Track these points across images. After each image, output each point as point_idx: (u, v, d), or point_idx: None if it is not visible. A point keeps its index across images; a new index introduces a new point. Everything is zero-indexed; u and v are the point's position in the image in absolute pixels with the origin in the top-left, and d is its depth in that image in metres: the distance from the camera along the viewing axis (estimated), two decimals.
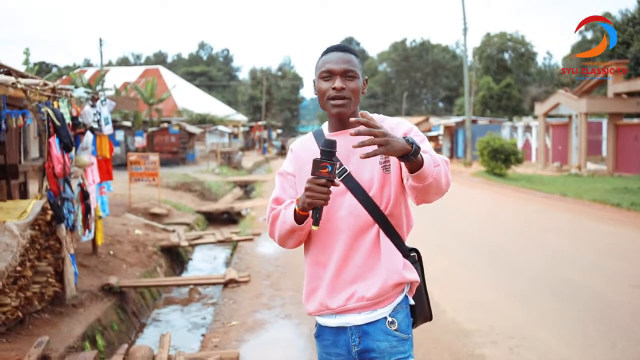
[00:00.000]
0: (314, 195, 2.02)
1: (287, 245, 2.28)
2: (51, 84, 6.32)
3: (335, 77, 2.20)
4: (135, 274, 8.15)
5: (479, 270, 7.78)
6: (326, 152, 2.04)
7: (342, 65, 2.20)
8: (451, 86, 72.53)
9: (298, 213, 2.14)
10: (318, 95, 2.26)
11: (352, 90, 2.20)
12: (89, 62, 77.43)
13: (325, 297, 2.23)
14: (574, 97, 25.08)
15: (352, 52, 2.26)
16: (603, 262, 8.32)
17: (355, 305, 2.19)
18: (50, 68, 43.69)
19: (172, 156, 28.59)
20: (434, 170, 2.04)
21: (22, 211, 5.61)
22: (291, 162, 2.36)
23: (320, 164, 2.02)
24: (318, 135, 2.35)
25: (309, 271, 2.31)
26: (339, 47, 2.26)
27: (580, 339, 5.33)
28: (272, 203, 2.32)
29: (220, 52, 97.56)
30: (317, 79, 2.27)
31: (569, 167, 26.32)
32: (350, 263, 2.20)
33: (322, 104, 2.26)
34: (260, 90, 66.16)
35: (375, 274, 2.18)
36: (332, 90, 2.19)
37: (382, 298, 2.19)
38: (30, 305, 5.61)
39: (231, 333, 5.84)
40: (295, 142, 2.44)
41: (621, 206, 14.06)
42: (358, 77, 2.23)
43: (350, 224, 2.19)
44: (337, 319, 2.24)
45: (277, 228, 2.25)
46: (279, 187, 2.35)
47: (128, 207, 12.87)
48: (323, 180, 2.02)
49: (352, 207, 2.19)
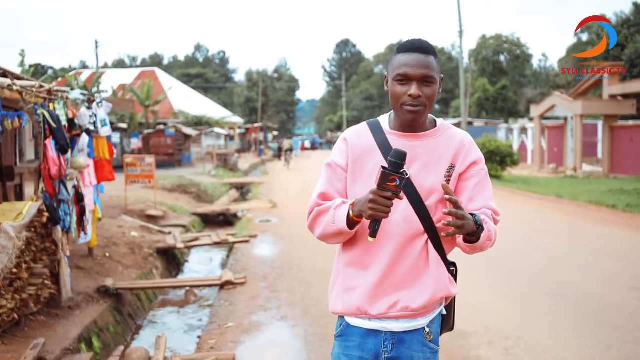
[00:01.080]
0: (377, 207, 1.90)
1: (330, 242, 2.16)
2: (47, 86, 6.31)
3: (411, 83, 2.04)
4: (131, 276, 8.13)
5: (474, 272, 7.79)
6: (395, 164, 1.88)
7: (420, 71, 2.03)
8: (447, 88, 72.58)
9: (352, 218, 2.02)
10: (390, 96, 2.11)
11: (428, 96, 2.05)
12: (85, 64, 77.36)
13: (364, 301, 2.10)
14: (570, 99, 25.17)
15: (432, 53, 2.08)
16: (599, 264, 8.35)
17: (398, 314, 2.10)
18: (46, 70, 43.66)
19: (168, 158, 28.56)
20: (485, 244, 2.03)
21: (18, 213, 5.60)
22: (343, 153, 2.17)
23: (389, 177, 1.87)
24: (375, 128, 2.18)
25: (345, 270, 2.17)
26: (419, 48, 2.06)
27: (576, 340, 5.34)
28: (317, 198, 2.16)
29: (216, 54, 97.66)
30: (390, 79, 2.11)
31: (565, 169, 26.40)
32: (396, 270, 2.09)
33: (394, 106, 2.10)
34: (256, 92, 66.18)
35: (421, 285, 2.09)
36: (407, 96, 2.04)
37: (426, 310, 2.11)
38: (26, 307, 5.59)
39: (227, 335, 5.84)
40: (349, 131, 2.24)
41: (617, 208, 14.10)
42: (435, 82, 2.07)
43: (402, 230, 2.08)
44: (372, 322, 2.13)
45: (322, 225, 2.11)
46: (327, 180, 2.18)
47: (124, 209, 12.85)
48: (389, 193, 1.89)
49: (406, 214, 2.08)
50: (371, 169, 2.08)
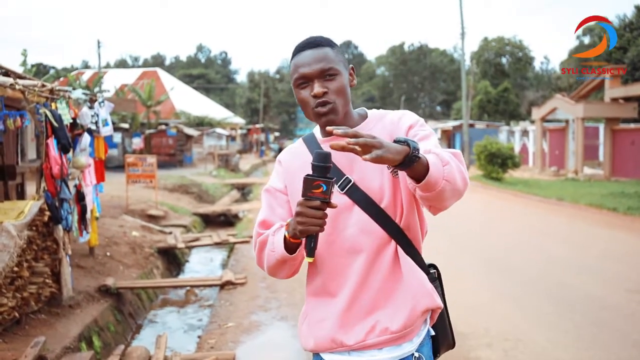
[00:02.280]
0: (307, 220, 1.64)
1: (279, 276, 1.89)
2: (49, 85, 6.34)
3: (312, 82, 1.81)
4: (132, 276, 8.15)
5: (474, 273, 7.81)
6: (319, 167, 1.62)
7: (316, 66, 1.80)
8: (449, 90, 72.74)
9: (289, 240, 1.75)
10: (300, 106, 1.87)
11: (335, 91, 1.81)
12: (87, 64, 77.45)
13: (337, 331, 1.84)
14: (571, 101, 25.17)
15: (325, 44, 1.85)
16: (599, 266, 8.35)
17: (378, 340, 1.81)
18: (48, 70, 43.66)
19: (170, 158, 28.59)
20: (443, 171, 1.64)
21: (20, 212, 5.62)
22: (280, 175, 1.97)
23: (312, 183, 1.62)
24: (310, 141, 1.95)
25: (311, 301, 1.93)
26: (309, 43, 1.84)
27: (574, 342, 5.35)
28: (258, 227, 1.93)
29: (218, 54, 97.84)
30: (294, 88, 1.86)
31: (566, 172, 26.39)
32: (367, 289, 1.82)
33: (307, 113, 1.86)
34: (258, 93, 66.26)
35: (397, 300, 1.82)
36: (312, 98, 1.80)
37: (409, 329, 1.82)
38: (27, 306, 5.61)
39: (227, 334, 5.86)
40: (285, 151, 2.02)
41: (618, 210, 14.10)
42: (340, 73, 1.82)
43: (364, 244, 1.82)
44: (352, 356, 1.84)
45: (266, 257, 1.85)
46: (266, 207, 1.96)
47: (125, 209, 12.88)
48: (317, 202, 1.63)
49: (362, 223, 1.81)
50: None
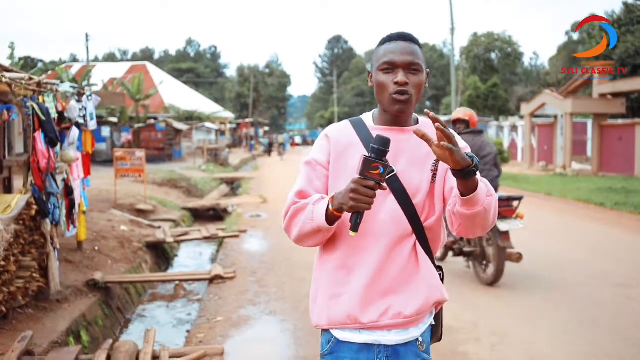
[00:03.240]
0: (359, 198, 1.77)
1: (306, 244, 2.01)
2: (36, 79, 6.28)
3: (397, 70, 1.95)
4: (121, 270, 8.12)
5: (462, 269, 7.84)
6: (379, 150, 1.77)
7: (406, 57, 1.95)
8: (438, 85, 72.82)
9: (332, 213, 1.87)
10: (376, 88, 2.01)
11: (415, 85, 1.96)
12: (75, 57, 77.02)
13: (355, 308, 1.95)
14: (560, 97, 25.28)
15: (417, 43, 2.02)
16: (586, 260, 8.41)
17: (390, 322, 1.95)
18: (36, 63, 43.34)
19: (159, 153, 28.48)
20: (485, 199, 1.81)
21: (7, 206, 5.58)
22: (325, 150, 2.06)
23: (371, 164, 1.76)
24: (358, 125, 2.07)
25: (329, 275, 2.02)
26: (403, 36, 2.01)
27: (561, 336, 5.39)
28: (294, 196, 2.03)
29: (207, 48, 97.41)
30: (375, 71, 2.02)
31: (554, 167, 26.54)
32: (385, 273, 1.95)
33: (381, 97, 2.00)
34: (247, 87, 66.10)
35: (413, 289, 1.96)
36: (393, 84, 1.94)
37: (419, 317, 1.98)
38: (14, 300, 5.58)
39: (216, 329, 5.85)
40: (331, 127, 2.14)
41: (605, 205, 14.20)
42: (422, 71, 1.98)
43: (390, 230, 1.95)
44: (362, 334, 1.97)
45: (299, 224, 1.96)
46: (305, 178, 2.05)
47: (114, 203, 12.82)
48: (372, 182, 1.77)
49: (393, 212, 1.95)
50: (354, 165, 1.91)
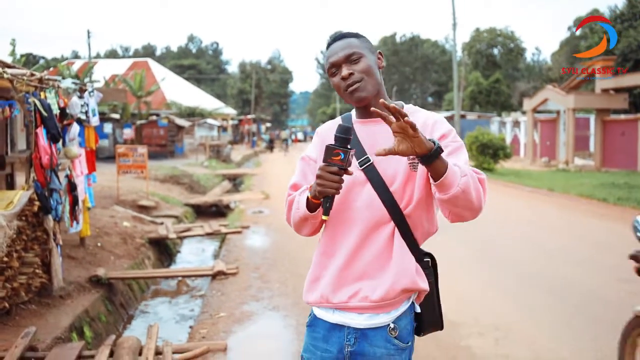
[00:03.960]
0: (324, 183, 1.91)
1: (302, 232, 2.19)
2: (38, 75, 6.27)
3: (340, 68, 2.08)
4: (123, 266, 8.13)
5: (465, 263, 7.83)
6: (340, 138, 1.91)
7: (342, 53, 2.07)
8: (440, 81, 72.73)
9: (311, 201, 2.03)
10: (338, 94, 2.15)
11: (361, 70, 2.06)
12: (77, 54, 76.94)
13: (327, 289, 2.09)
14: (562, 92, 25.24)
15: (350, 36, 2.13)
16: (589, 256, 8.40)
17: (357, 304, 2.04)
18: (38, 60, 43.25)
19: (161, 149, 28.47)
20: (460, 179, 1.84)
21: (9, 202, 5.58)
22: (315, 146, 2.24)
23: (332, 151, 1.91)
24: (346, 120, 2.20)
25: (315, 259, 2.19)
26: (336, 37, 2.14)
27: (564, 331, 5.39)
28: (289, 189, 2.22)
29: (209, 45, 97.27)
30: (330, 79, 2.16)
31: (557, 163, 26.50)
32: (359, 258, 2.06)
33: (342, 97, 2.15)
34: (249, 83, 66.05)
35: (383, 275, 2.03)
36: (342, 82, 2.07)
37: (387, 302, 2.03)
38: (17, 296, 5.59)
39: (219, 324, 5.85)
40: (322, 125, 2.31)
41: (608, 201, 14.17)
42: (364, 56, 2.08)
43: (365, 217, 2.05)
44: (335, 315, 2.10)
45: (292, 215, 2.16)
46: (299, 172, 2.24)
47: (116, 199, 12.82)
48: (335, 168, 1.90)
49: (369, 200, 2.04)
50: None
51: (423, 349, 4.97)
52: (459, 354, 4.87)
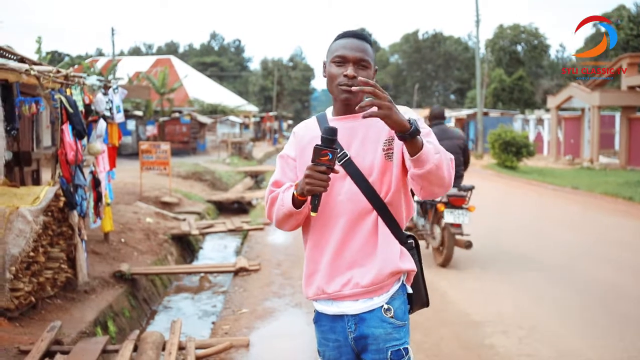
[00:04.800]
0: (314, 182, 2.03)
1: (284, 227, 2.28)
2: (64, 72, 6.35)
3: (347, 64, 2.17)
4: (147, 262, 8.20)
5: (489, 262, 7.76)
6: (327, 139, 2.02)
7: (356, 53, 2.17)
8: (463, 78, 72.20)
9: (296, 198, 2.14)
10: (327, 78, 2.24)
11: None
12: (101, 51, 77.56)
13: (322, 281, 2.23)
14: (587, 90, 24.89)
15: (367, 41, 2.23)
16: (614, 255, 8.28)
17: (351, 292, 2.19)
18: (63, 57, 43.76)
19: (183, 146, 28.66)
20: (434, 156, 2.01)
21: (35, 197, 5.65)
22: (292, 145, 2.35)
23: (320, 152, 2.01)
24: (321, 119, 2.33)
25: (307, 254, 2.31)
26: (355, 34, 2.23)
27: (590, 330, 5.32)
28: (271, 185, 2.32)
29: (231, 42, 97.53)
30: (328, 62, 2.24)
31: (581, 161, 26.16)
32: (347, 248, 2.20)
33: (330, 87, 2.23)
34: (271, 80, 66.17)
35: (371, 261, 2.18)
36: (343, 77, 2.16)
37: (377, 286, 2.18)
38: (43, 291, 5.66)
39: (241, 320, 5.87)
40: (299, 125, 2.42)
41: (634, 200, 13.97)
42: (370, 67, 2.20)
43: (349, 209, 2.18)
44: (333, 306, 2.24)
45: (275, 211, 2.25)
46: (279, 170, 2.35)
47: (139, 196, 12.93)
48: (323, 167, 2.02)
49: (351, 193, 2.18)
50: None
51: (446, 347, 4.94)
52: (483, 352, 4.83)
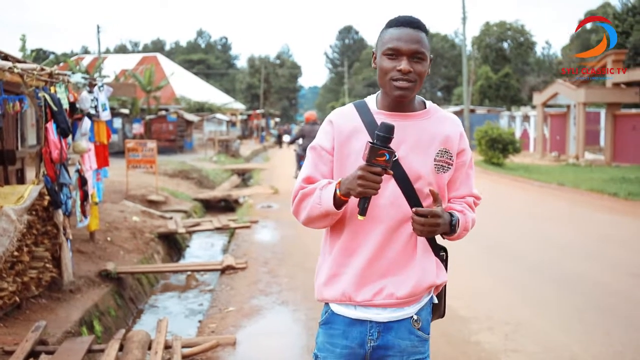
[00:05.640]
0: (367, 184, 1.85)
1: (316, 226, 2.08)
2: (48, 69, 6.28)
3: (401, 58, 1.96)
4: (133, 261, 8.15)
5: (475, 258, 7.80)
6: (384, 137, 1.84)
7: (411, 46, 1.96)
8: (450, 75, 72.39)
9: (339, 198, 1.94)
10: (379, 72, 2.03)
11: (418, 73, 1.99)
12: (87, 49, 77.09)
13: (350, 287, 2.05)
14: (573, 86, 25.06)
15: (423, 30, 2.02)
16: (600, 251, 8.35)
17: (383, 302, 2.03)
18: (48, 55, 43.51)
19: (170, 144, 28.54)
20: (461, 234, 2.08)
21: (19, 196, 5.60)
22: (329, 135, 2.10)
23: (377, 151, 1.83)
24: (362, 109, 2.10)
25: (333, 256, 2.10)
26: (411, 22, 2.00)
27: (576, 325, 5.35)
28: (302, 182, 2.10)
29: (218, 40, 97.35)
30: (379, 54, 2.03)
31: (567, 157, 26.35)
32: (383, 256, 2.03)
33: (382, 82, 2.02)
34: (258, 78, 66.04)
35: (408, 272, 2.04)
36: (396, 71, 1.96)
37: (412, 298, 2.06)
38: (28, 290, 5.61)
39: (228, 319, 5.86)
40: (335, 112, 2.16)
41: (618, 196, 14.08)
42: (426, 59, 2.00)
43: (390, 215, 2.01)
44: (357, 311, 2.07)
45: (308, 208, 2.04)
46: (311, 164, 2.11)
47: (125, 194, 12.86)
48: (379, 169, 1.84)
49: (394, 197, 2.01)
50: (359, 149, 1.99)
51: (433, 345, 4.94)
52: (469, 349, 4.85)
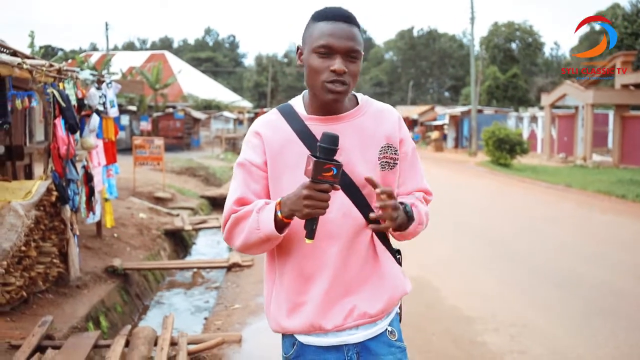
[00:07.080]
0: (314, 204, 1.62)
1: (253, 252, 1.84)
2: (57, 65, 6.31)
3: (335, 56, 1.74)
4: (139, 257, 8.17)
5: (481, 259, 7.78)
6: (328, 150, 1.61)
7: (346, 43, 1.74)
8: (457, 75, 72.31)
9: (280, 220, 1.71)
10: (307, 70, 1.79)
11: (353, 73, 1.77)
12: (95, 46, 77.24)
13: (317, 316, 1.83)
14: (581, 88, 24.95)
15: (356, 24, 1.80)
16: (607, 253, 8.31)
17: (356, 323, 1.85)
18: (56, 52, 43.52)
19: (177, 141, 28.61)
20: (417, 228, 1.89)
21: (27, 192, 5.63)
22: (258, 149, 1.85)
23: (323, 166, 1.59)
24: (290, 115, 1.87)
25: (287, 285, 1.87)
26: (344, 16, 1.78)
27: (582, 327, 5.34)
28: (233, 204, 1.83)
29: (226, 38, 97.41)
30: (308, 51, 1.79)
31: (575, 159, 26.25)
32: (346, 273, 1.83)
33: (312, 82, 1.78)
34: (265, 76, 66.04)
35: (375, 285, 1.86)
36: (329, 72, 1.74)
37: (385, 313, 1.89)
38: (35, 285, 5.64)
39: (234, 316, 5.87)
40: (260, 123, 1.89)
41: (626, 198, 14.03)
42: (360, 59, 1.78)
43: (345, 228, 1.81)
44: (328, 337, 1.85)
45: (244, 233, 1.78)
46: (242, 183, 1.85)
47: (132, 191, 12.90)
48: (326, 185, 1.61)
49: (345, 208, 1.81)
50: (294, 161, 1.79)
51: (438, 343, 4.95)
52: (475, 350, 4.84)
